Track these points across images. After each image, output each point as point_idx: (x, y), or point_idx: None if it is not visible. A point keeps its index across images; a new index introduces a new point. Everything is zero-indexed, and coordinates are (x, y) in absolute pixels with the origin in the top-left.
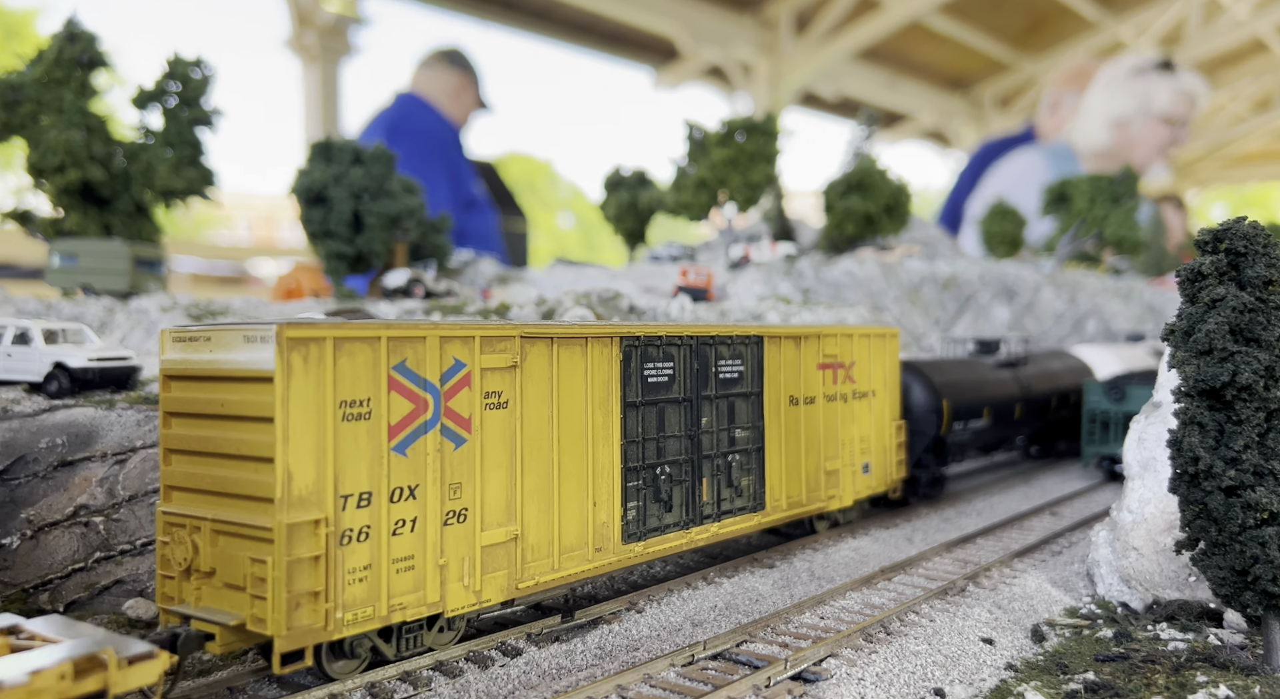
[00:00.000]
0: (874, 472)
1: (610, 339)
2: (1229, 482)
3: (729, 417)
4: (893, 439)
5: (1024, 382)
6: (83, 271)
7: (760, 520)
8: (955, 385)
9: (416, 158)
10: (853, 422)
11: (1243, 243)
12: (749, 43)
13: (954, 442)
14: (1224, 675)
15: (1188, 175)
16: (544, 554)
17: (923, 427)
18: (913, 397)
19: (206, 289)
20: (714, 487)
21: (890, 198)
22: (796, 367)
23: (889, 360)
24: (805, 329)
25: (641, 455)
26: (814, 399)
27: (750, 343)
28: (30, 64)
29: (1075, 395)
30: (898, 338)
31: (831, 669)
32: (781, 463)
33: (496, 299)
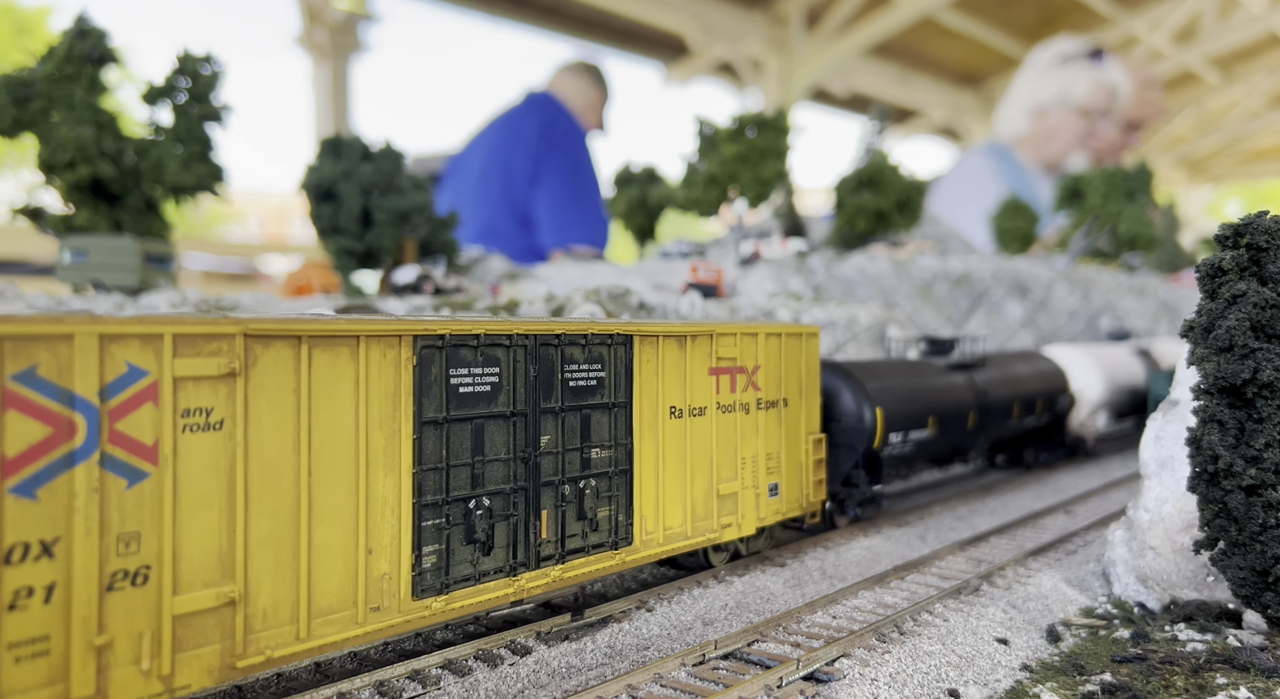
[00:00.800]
0: (785, 493)
1: (397, 339)
2: (1249, 480)
3: (582, 433)
4: (809, 455)
5: (980, 386)
6: (93, 268)
7: (624, 559)
8: (892, 391)
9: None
10: (756, 436)
11: (1265, 238)
12: (760, 39)
13: (891, 456)
14: (1244, 677)
15: (1202, 171)
16: (283, 620)
17: (850, 439)
18: (840, 405)
19: (217, 286)
20: (557, 521)
21: (902, 194)
22: (681, 372)
23: (807, 364)
24: (693, 327)
25: (446, 486)
26: (704, 410)
27: (615, 343)
28: (41, 60)
29: (1046, 400)
30: (818, 338)
31: (844, 669)
32: (657, 488)
33: (506, 295)
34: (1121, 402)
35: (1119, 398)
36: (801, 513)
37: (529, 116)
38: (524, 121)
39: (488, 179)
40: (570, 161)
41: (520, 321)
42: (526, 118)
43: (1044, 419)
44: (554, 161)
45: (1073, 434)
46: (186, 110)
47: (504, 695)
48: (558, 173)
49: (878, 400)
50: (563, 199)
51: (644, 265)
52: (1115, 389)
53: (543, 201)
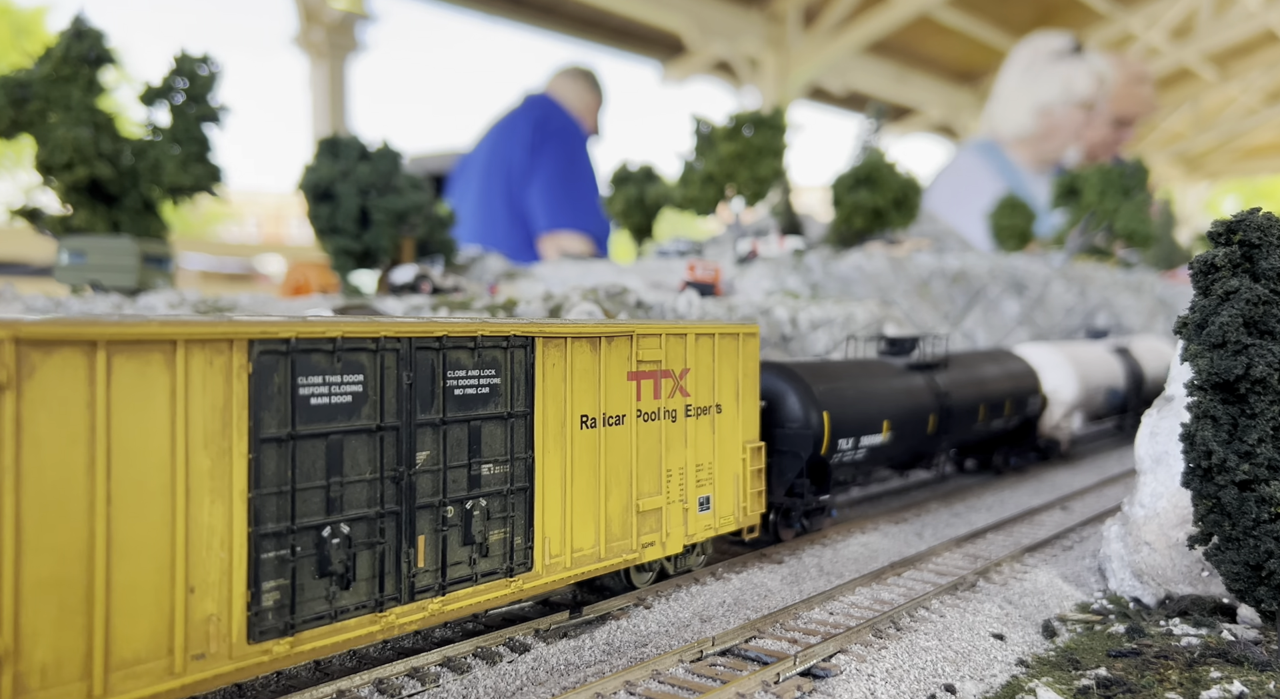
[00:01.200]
0: (718, 507)
1: (227, 344)
2: (1243, 476)
3: (470, 448)
4: (747, 465)
5: (942, 387)
6: (91, 268)
7: (522, 586)
8: (841, 394)
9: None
10: (684, 445)
11: (1257, 234)
12: (756, 37)
13: (841, 463)
14: (1238, 671)
15: (1198, 168)
16: (70, 677)
17: (795, 446)
18: (784, 409)
19: (216, 286)
20: (437, 547)
21: (899, 191)
22: (594, 376)
23: (744, 366)
24: (609, 327)
25: (292, 512)
26: (622, 418)
27: (512, 346)
28: (38, 61)
29: (1015, 402)
30: (757, 337)
31: (841, 665)
32: (565, 506)
33: (504, 295)
34: (1098, 402)
35: (1095, 398)
36: (738, 527)
37: (525, 115)
38: (520, 120)
39: (490, 179)
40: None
41: (390, 323)
42: (523, 117)
43: (1013, 422)
44: (548, 153)
45: (1045, 436)
46: (184, 111)
47: (503, 693)
48: (551, 162)
49: (825, 404)
50: (555, 187)
51: (642, 264)
52: (1091, 389)
53: (536, 190)
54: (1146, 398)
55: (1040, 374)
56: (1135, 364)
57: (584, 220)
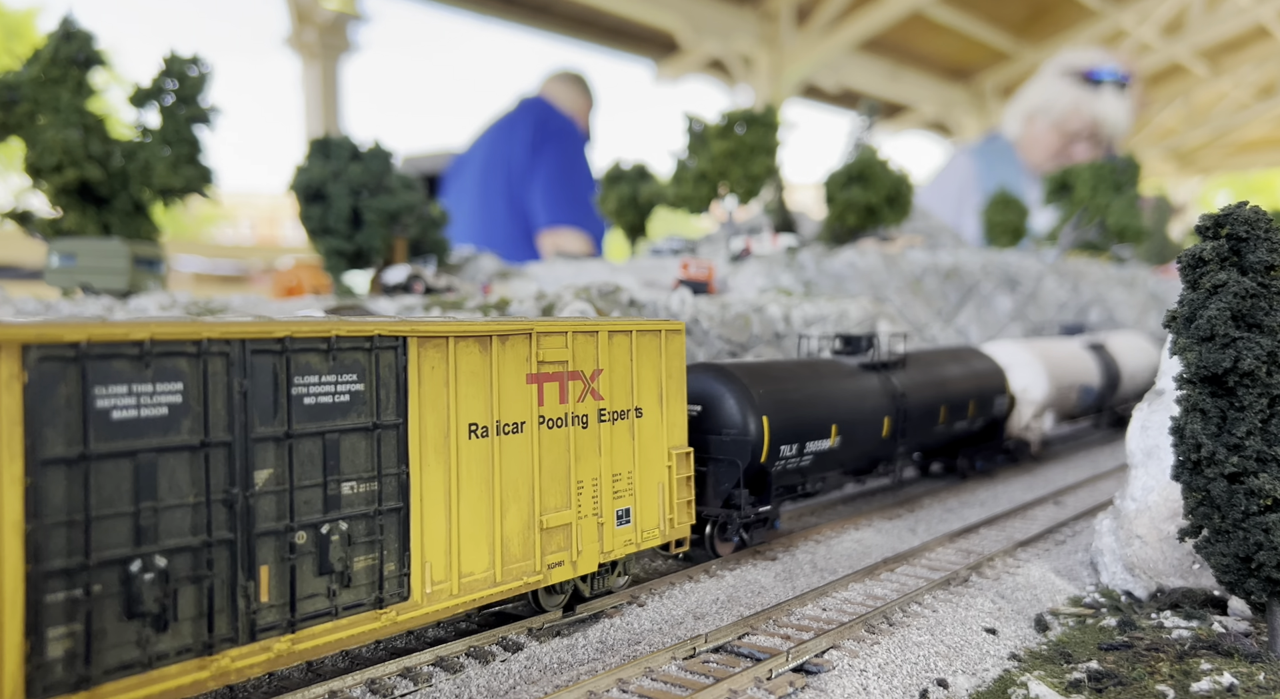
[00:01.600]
0: (640, 519)
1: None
2: (1232, 468)
3: (326, 464)
4: (674, 473)
5: (899, 388)
6: (82, 271)
7: (396, 618)
8: (784, 397)
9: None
10: (598, 453)
11: (1244, 228)
12: (750, 35)
13: (784, 470)
14: (1228, 663)
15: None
16: None
17: (731, 454)
18: (720, 414)
19: (209, 288)
20: (283, 579)
21: (892, 188)
22: (485, 380)
23: (669, 365)
24: (503, 325)
25: (86, 544)
26: (521, 426)
27: (377, 347)
28: (26, 63)
29: (979, 403)
30: (682, 334)
31: (834, 660)
32: (450, 526)
33: (497, 294)
34: (1071, 401)
35: (1068, 397)
36: (663, 540)
37: (524, 117)
38: (519, 121)
39: (489, 178)
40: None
41: (218, 323)
42: (521, 118)
43: (978, 423)
44: (549, 152)
45: (1015, 437)
46: (174, 112)
47: (496, 692)
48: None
49: (765, 408)
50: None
51: (635, 263)
52: (1064, 388)
53: (537, 187)
54: (1124, 396)
55: (1008, 373)
56: (1111, 361)
57: (583, 218)
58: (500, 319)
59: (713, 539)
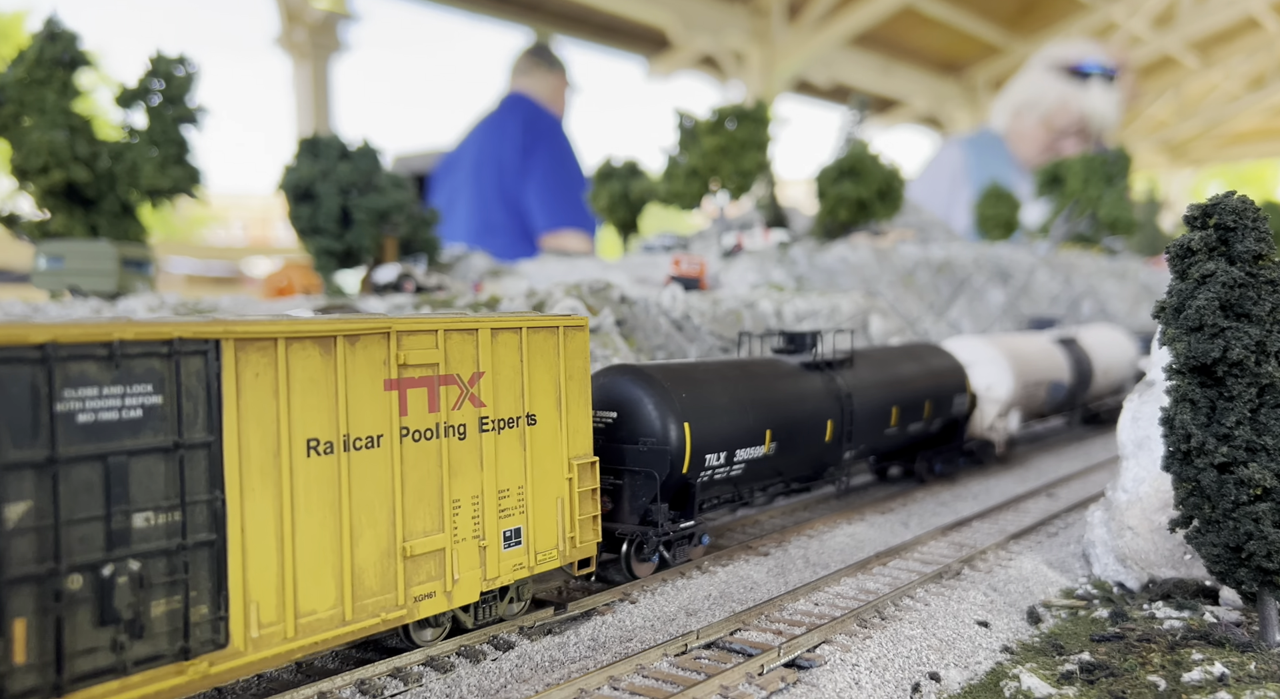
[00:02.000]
0: (535, 540)
1: None
2: (1221, 458)
3: (111, 493)
4: (576, 486)
5: (844, 389)
6: (69, 273)
7: (209, 670)
8: (710, 401)
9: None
10: (480, 468)
11: (1232, 217)
12: (741, 31)
13: (710, 481)
14: (1219, 653)
15: (1182, 155)
16: None
17: (648, 464)
18: (636, 421)
19: (200, 289)
20: (47, 633)
21: (883, 183)
22: (329, 387)
23: (569, 366)
24: (351, 323)
25: None
26: (377, 440)
27: (179, 352)
28: (11, 64)
29: (936, 402)
30: (585, 330)
31: (825, 655)
32: (283, 559)
33: (488, 292)
34: (1039, 399)
35: (1036, 395)
36: (564, 562)
37: (511, 115)
38: (508, 120)
39: (481, 176)
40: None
41: None
42: (509, 116)
43: (935, 424)
44: (540, 154)
45: (978, 438)
46: (161, 113)
47: (487, 691)
48: (545, 163)
49: (689, 413)
50: (551, 187)
51: (627, 259)
52: (1030, 385)
53: (533, 191)
54: (1098, 393)
55: (970, 370)
56: (1083, 356)
57: (581, 217)
58: (351, 316)
59: (629, 559)
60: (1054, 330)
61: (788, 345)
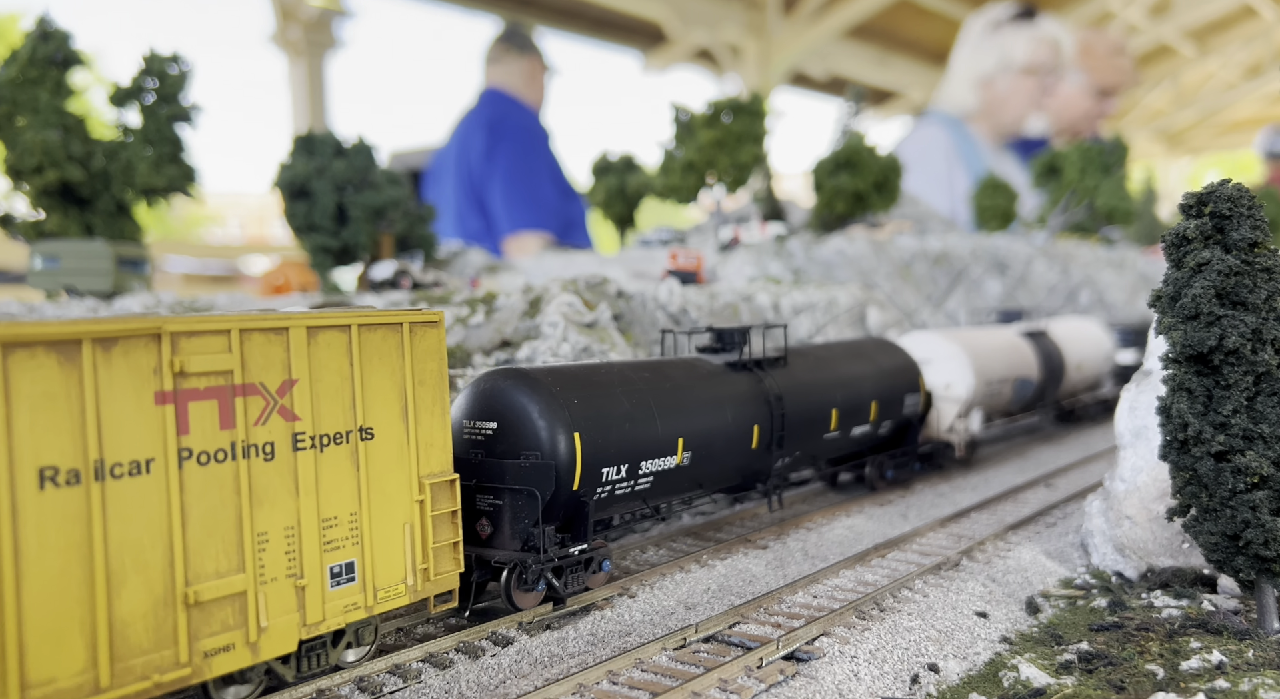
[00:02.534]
0: (373, 574)
1: None
2: (1218, 447)
3: None
4: (429, 509)
5: (774, 391)
6: (65, 273)
7: None
8: (607, 407)
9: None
10: (294, 493)
11: (1227, 206)
12: (737, 24)
13: (610, 498)
14: (1217, 641)
15: (1180, 144)
16: None
17: (529, 481)
18: (519, 432)
19: (197, 288)
20: None
21: (880, 175)
22: (72, 404)
23: (420, 370)
24: (105, 325)
25: None
26: (145, 465)
27: None
28: (4, 64)
29: (884, 403)
30: (439, 328)
31: (824, 647)
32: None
33: (484, 288)
34: (1005, 397)
35: (1001, 392)
36: (413, 598)
37: (479, 113)
38: (475, 121)
39: (457, 177)
40: (519, 152)
41: None
42: (477, 115)
43: (885, 427)
44: (502, 153)
45: (935, 440)
46: (155, 111)
47: (486, 686)
48: (506, 164)
49: (581, 422)
50: (512, 189)
51: (625, 254)
52: (995, 382)
53: (495, 192)
54: (1071, 388)
55: (926, 368)
56: (1053, 350)
57: (544, 218)
58: (110, 317)
59: (509, 589)
60: (1021, 324)
61: (715, 344)
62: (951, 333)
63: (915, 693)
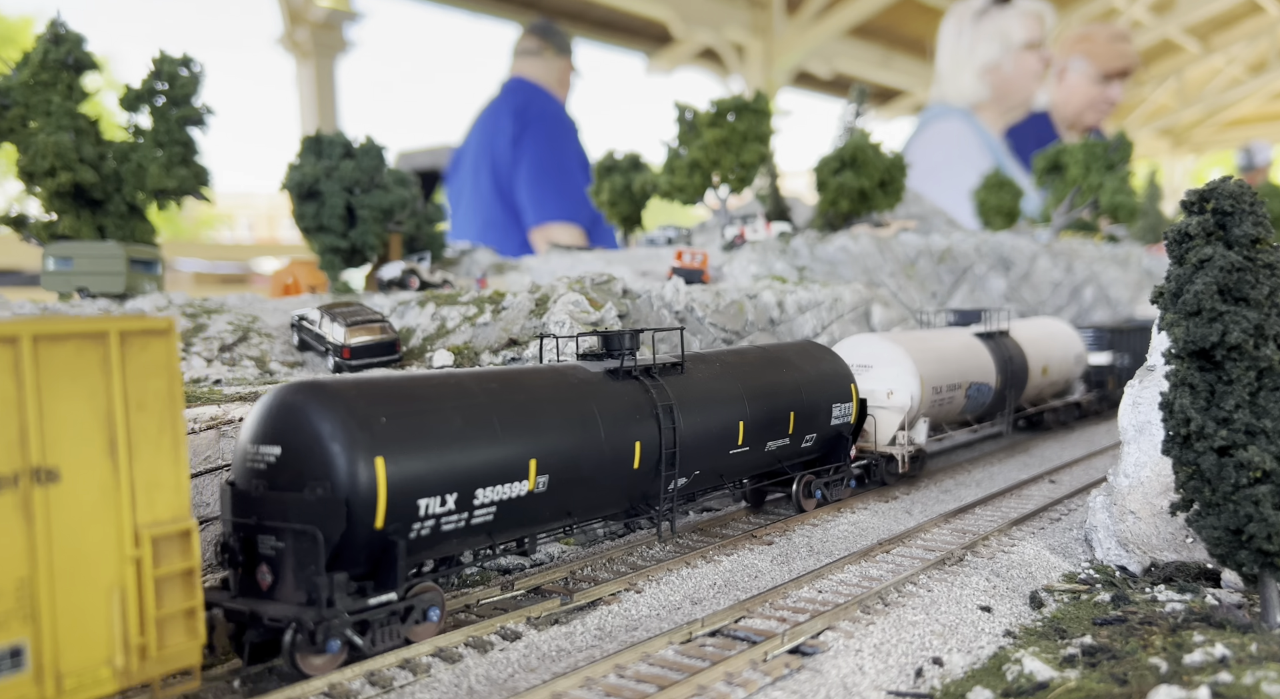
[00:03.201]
0: (52, 661)
1: None
2: (1221, 442)
3: None
4: (146, 570)
5: (665, 402)
6: (78, 274)
7: None
8: (427, 425)
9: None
10: None
11: (1229, 202)
12: (741, 24)
13: (433, 536)
14: (1221, 635)
15: (1184, 141)
16: None
17: (312, 518)
18: (305, 459)
19: (208, 288)
20: None
21: (884, 173)
22: None
23: (141, 391)
24: None
25: None
26: None
27: None
28: (16, 67)
29: (806, 416)
30: (169, 338)
31: (829, 642)
32: None
33: (492, 287)
34: (956, 405)
35: (952, 400)
36: (128, 683)
37: (504, 103)
38: (502, 107)
39: (479, 173)
40: (547, 140)
41: None
42: (502, 105)
43: (811, 440)
44: (529, 141)
45: (877, 453)
46: (165, 113)
47: (495, 680)
48: (533, 152)
49: (389, 444)
50: (540, 177)
51: (630, 253)
52: (945, 389)
53: (521, 182)
54: (1037, 394)
55: (865, 374)
56: (1014, 353)
57: (573, 209)
58: None
59: (291, 652)
60: (979, 325)
61: (601, 348)
62: (895, 335)
63: (920, 686)
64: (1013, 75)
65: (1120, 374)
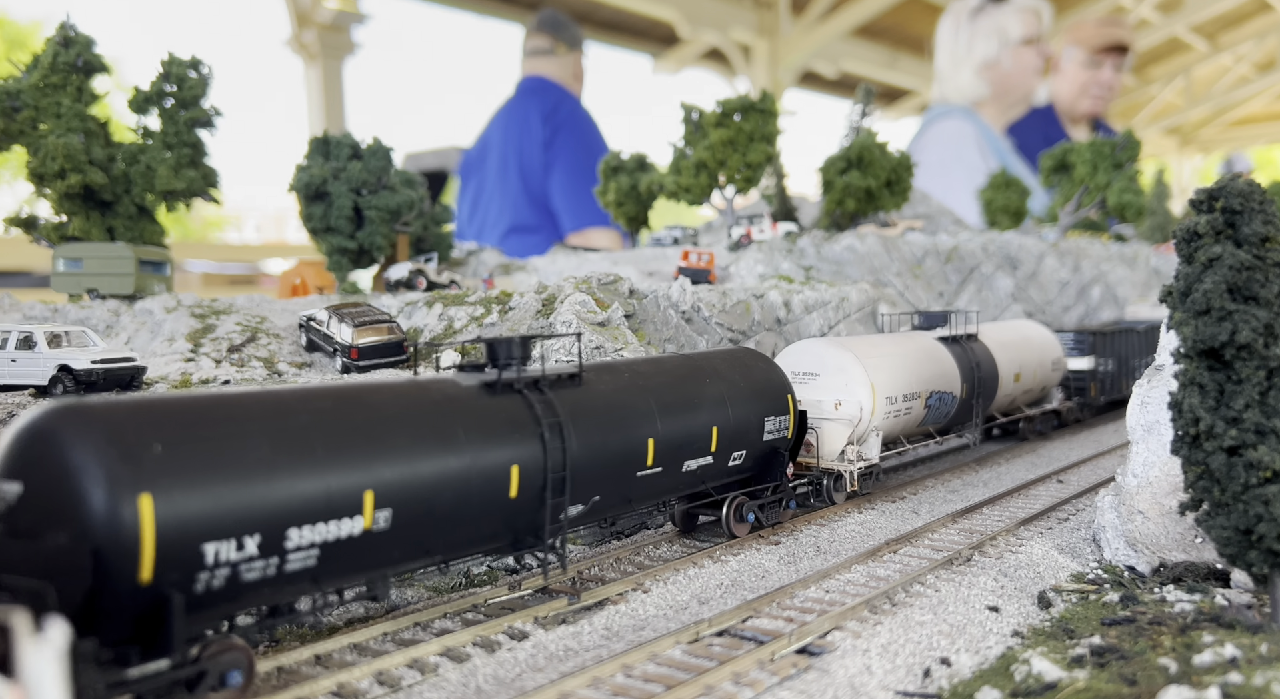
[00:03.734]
0: None
1: None
2: (1230, 441)
3: None
4: None
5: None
6: (88, 275)
7: None
8: (227, 452)
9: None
10: None
11: (1238, 201)
12: (747, 25)
13: (233, 588)
14: (1230, 635)
15: (1191, 140)
16: None
17: (52, 570)
18: (47, 497)
19: (217, 289)
20: None
21: (890, 173)
22: None
23: None
24: None
25: None
26: None
27: None
28: (27, 70)
29: (734, 433)
30: None
31: (836, 642)
32: None
33: (499, 288)
34: (915, 415)
35: (909, 411)
36: None
37: (531, 103)
38: (529, 110)
39: (506, 174)
40: (578, 144)
41: None
42: (530, 105)
43: (739, 458)
44: (562, 145)
45: (822, 469)
46: (174, 116)
47: (503, 680)
48: (567, 156)
49: (157, 480)
50: (574, 183)
51: (636, 253)
52: (902, 398)
53: (556, 188)
54: (1009, 403)
55: (810, 383)
56: (982, 359)
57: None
58: None
59: None
60: (944, 329)
61: (489, 358)
62: (845, 341)
63: (928, 687)
64: (1012, 71)
65: (1103, 380)
